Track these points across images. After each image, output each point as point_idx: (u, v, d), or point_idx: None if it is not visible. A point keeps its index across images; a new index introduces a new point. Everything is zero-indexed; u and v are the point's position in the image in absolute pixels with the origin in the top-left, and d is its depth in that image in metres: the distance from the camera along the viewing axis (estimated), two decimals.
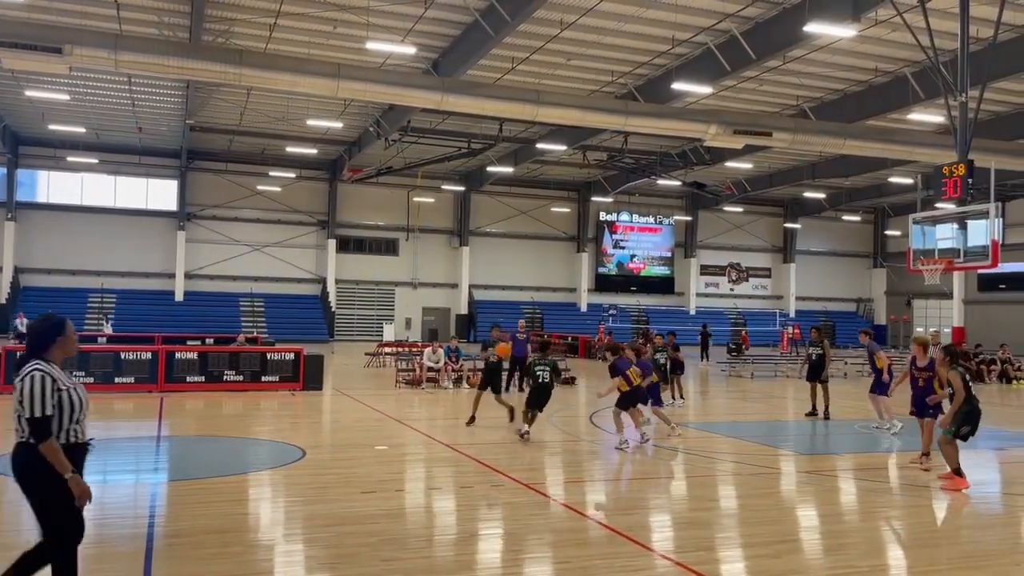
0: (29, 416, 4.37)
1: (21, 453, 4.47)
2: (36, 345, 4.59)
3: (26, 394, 4.38)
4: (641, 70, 25.98)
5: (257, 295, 42.03)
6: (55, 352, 4.61)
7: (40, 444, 4.38)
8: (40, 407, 4.38)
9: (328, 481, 9.11)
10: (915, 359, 10.63)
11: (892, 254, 51.45)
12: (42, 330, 4.62)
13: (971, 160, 16.23)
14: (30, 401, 4.38)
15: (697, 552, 6.64)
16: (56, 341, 4.62)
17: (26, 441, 4.44)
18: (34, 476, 4.44)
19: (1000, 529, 7.82)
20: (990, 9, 18.31)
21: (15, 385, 4.46)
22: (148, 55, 18.47)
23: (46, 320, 4.68)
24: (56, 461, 4.40)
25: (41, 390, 4.40)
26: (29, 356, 4.56)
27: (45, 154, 38.74)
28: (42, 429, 4.37)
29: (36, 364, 4.50)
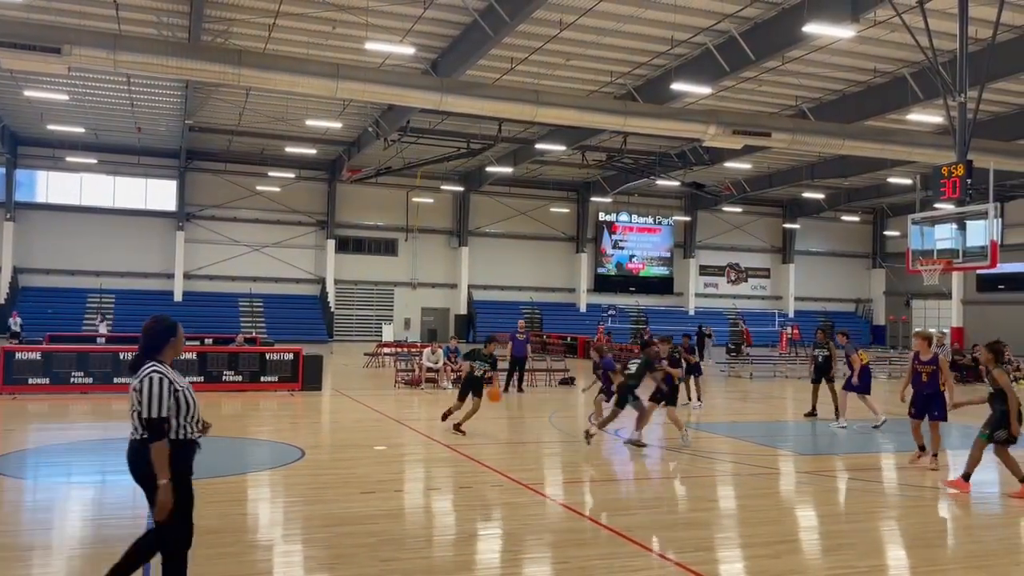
0: (147, 416, 4.55)
1: (137, 451, 4.66)
2: (150, 346, 4.73)
3: (145, 395, 4.56)
4: (640, 70, 25.98)
5: (256, 295, 42.01)
6: (167, 353, 4.77)
7: (152, 443, 4.55)
8: (157, 408, 4.55)
9: (327, 481, 9.10)
10: (918, 353, 10.47)
11: (891, 254, 51.48)
12: (156, 332, 4.76)
13: (970, 160, 16.23)
14: (148, 402, 4.55)
15: (696, 552, 6.64)
16: (169, 342, 4.77)
17: (141, 438, 4.63)
18: (145, 471, 4.60)
19: (999, 529, 7.82)
20: (989, 9, 18.31)
21: (134, 385, 4.62)
22: (147, 55, 18.47)
23: (160, 322, 4.81)
24: (160, 463, 4.55)
25: (159, 391, 4.57)
26: (143, 357, 4.71)
27: (44, 154, 38.72)
28: (157, 429, 4.55)
29: (154, 366, 4.66)
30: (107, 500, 8.19)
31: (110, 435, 12.18)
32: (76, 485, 8.96)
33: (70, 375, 16.65)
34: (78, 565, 6.08)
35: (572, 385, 20.73)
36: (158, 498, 4.56)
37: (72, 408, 14.91)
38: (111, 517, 7.46)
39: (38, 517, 7.49)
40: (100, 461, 10.35)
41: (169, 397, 4.59)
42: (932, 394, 10.27)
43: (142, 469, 4.63)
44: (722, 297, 51.44)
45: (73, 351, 17.64)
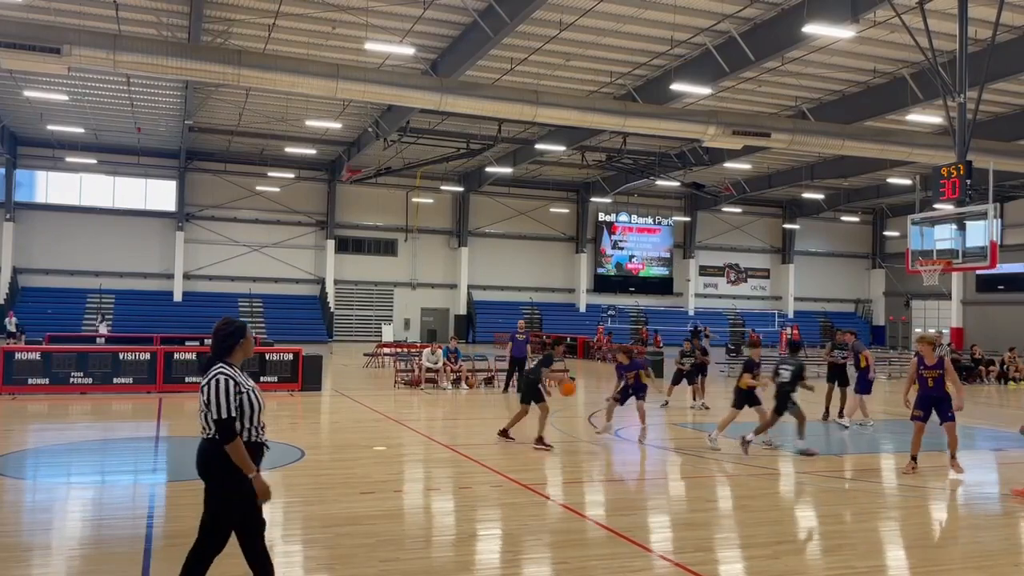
0: (216, 417, 4.61)
1: (205, 449, 4.71)
2: (220, 348, 4.80)
3: (212, 396, 4.62)
4: (640, 71, 25.99)
5: (256, 296, 42.00)
6: (236, 354, 4.83)
7: (225, 444, 4.60)
8: (225, 408, 4.61)
9: (327, 482, 9.10)
10: (923, 358, 10.21)
11: (891, 255, 51.49)
12: (226, 334, 4.82)
13: (970, 161, 16.25)
14: (216, 403, 4.61)
15: (696, 553, 6.64)
16: (239, 344, 4.83)
17: (211, 438, 4.67)
18: (216, 472, 4.68)
19: (999, 530, 7.82)
20: (988, 10, 18.32)
21: (202, 387, 4.69)
22: (147, 55, 18.46)
23: (228, 325, 4.87)
24: (240, 460, 4.62)
25: (225, 392, 4.62)
26: (214, 359, 4.78)
27: (44, 154, 38.72)
28: (228, 429, 4.61)
29: (221, 367, 4.72)
30: (107, 500, 8.18)
31: (110, 435, 12.19)
32: (75, 486, 8.95)
33: (69, 375, 16.65)
34: (78, 565, 6.08)
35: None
36: (256, 488, 4.67)
37: (72, 408, 14.91)
38: (111, 517, 7.46)
39: (37, 517, 7.49)
40: (100, 461, 10.35)
41: (235, 398, 4.65)
42: (940, 398, 10.07)
43: (208, 467, 4.70)
44: (721, 297, 51.44)
45: (73, 351, 17.63)
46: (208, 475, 4.71)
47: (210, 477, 4.70)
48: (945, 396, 10.10)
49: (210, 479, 4.71)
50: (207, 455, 4.69)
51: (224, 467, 4.64)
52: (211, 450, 4.67)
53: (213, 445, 4.66)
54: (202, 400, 4.67)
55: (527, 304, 46.37)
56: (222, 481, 4.67)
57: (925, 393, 10.14)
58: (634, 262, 49.48)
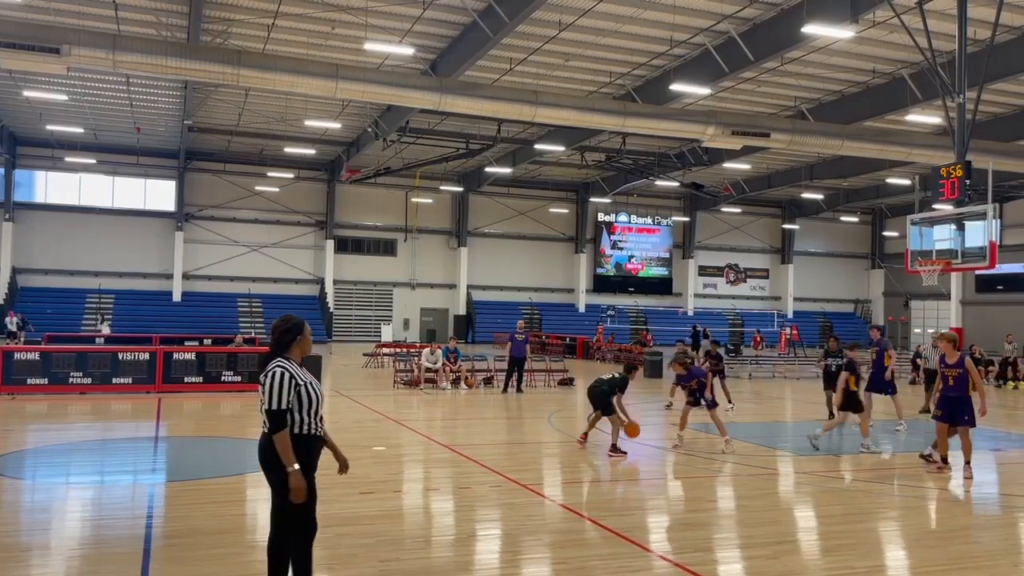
0: (268, 408, 4.74)
1: (263, 440, 4.85)
2: (279, 344, 4.94)
3: (267, 388, 4.76)
4: (639, 71, 25.99)
5: (255, 296, 42.00)
6: (295, 350, 4.96)
7: (273, 434, 4.74)
8: (277, 401, 4.73)
9: (326, 482, 9.03)
10: (944, 356, 10.07)
11: (890, 255, 51.51)
12: (284, 330, 4.96)
13: (969, 161, 16.26)
14: (269, 395, 4.74)
15: (695, 553, 6.64)
16: (296, 340, 4.96)
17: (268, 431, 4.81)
18: (274, 463, 4.78)
19: (999, 530, 7.82)
20: (988, 10, 18.33)
21: (261, 381, 4.81)
22: (146, 55, 18.46)
23: (287, 321, 5.00)
24: (284, 453, 4.74)
25: (280, 385, 4.75)
26: (272, 355, 4.92)
27: (43, 154, 38.71)
28: (278, 420, 4.74)
29: (279, 361, 4.86)
30: (106, 501, 8.18)
31: (109, 435, 12.18)
32: (75, 486, 8.95)
33: (68, 375, 16.64)
34: (77, 566, 6.07)
35: (571, 386, 20.73)
36: (290, 483, 4.73)
37: (71, 408, 14.90)
38: (110, 517, 7.45)
39: (36, 518, 7.48)
40: (99, 461, 10.34)
41: (290, 391, 4.76)
42: (959, 398, 9.87)
43: (268, 461, 4.82)
44: (721, 298, 51.46)
45: (72, 351, 17.63)
46: (271, 468, 4.82)
47: (273, 470, 4.81)
48: (965, 397, 9.87)
49: (273, 472, 4.82)
50: (266, 448, 4.82)
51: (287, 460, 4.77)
52: (269, 443, 4.80)
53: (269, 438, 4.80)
54: (262, 394, 4.79)
55: (526, 304, 46.37)
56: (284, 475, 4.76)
57: (945, 392, 10.01)
58: (633, 262, 49.49)
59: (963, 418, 9.86)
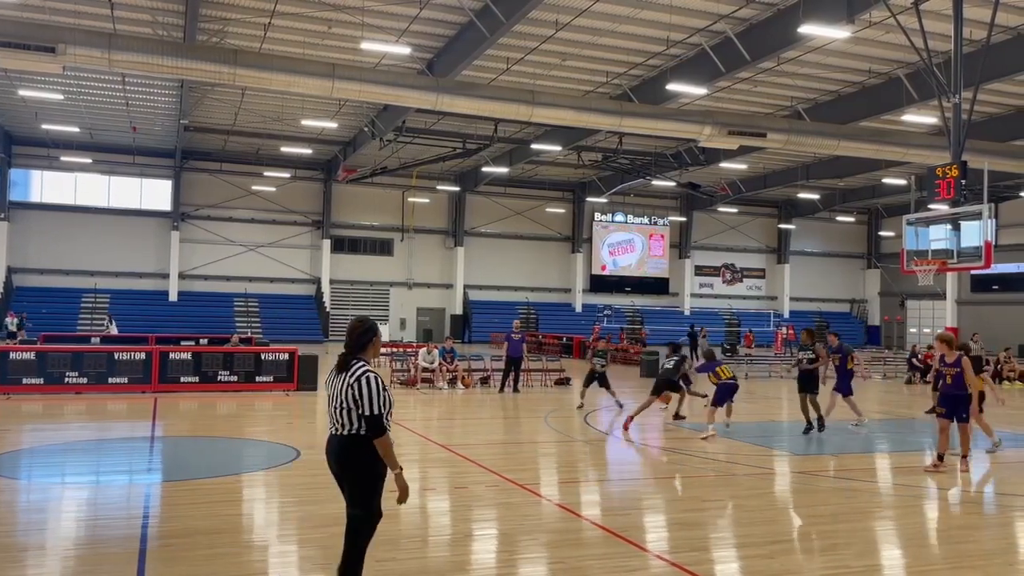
0: (368, 413, 4.82)
1: (346, 445, 4.91)
2: (355, 345, 5.04)
3: (364, 393, 4.83)
4: (636, 71, 26.00)
5: (251, 295, 41.94)
6: (369, 352, 5.08)
7: (376, 439, 4.84)
8: (378, 405, 4.84)
9: (322, 482, 9.03)
10: (943, 356, 10.39)
11: (886, 255, 51.59)
12: (360, 332, 5.06)
13: (964, 161, 16.28)
14: (369, 400, 4.82)
15: (691, 552, 6.64)
16: (372, 342, 5.08)
17: (353, 434, 4.88)
18: (354, 464, 4.91)
19: (994, 529, 7.84)
20: (983, 11, 18.37)
21: (349, 382, 4.86)
22: (142, 54, 18.43)
23: (363, 323, 5.11)
24: (388, 455, 4.86)
25: (377, 390, 4.85)
26: (349, 356, 4.99)
27: (38, 154, 38.60)
28: (379, 425, 4.84)
29: (366, 365, 4.96)
30: (102, 501, 8.17)
31: (105, 435, 12.16)
32: (70, 486, 8.93)
33: (64, 375, 16.61)
34: (72, 566, 6.07)
35: (568, 385, 20.73)
36: (398, 484, 4.87)
37: (66, 408, 14.87)
38: (105, 517, 7.44)
39: (32, 518, 7.47)
40: (95, 461, 10.32)
41: (385, 394, 4.88)
42: (958, 396, 10.20)
43: (350, 463, 4.91)
44: (717, 297, 51.50)
45: (67, 351, 17.60)
46: (349, 470, 4.91)
47: (352, 471, 4.91)
48: (963, 395, 10.16)
49: (352, 473, 4.91)
50: (349, 450, 4.89)
51: (365, 461, 4.87)
52: (352, 445, 4.88)
53: (354, 440, 4.87)
54: (347, 396, 4.85)
55: (523, 304, 46.37)
56: (364, 474, 4.89)
57: (945, 390, 10.36)
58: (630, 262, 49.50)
59: (962, 415, 10.17)
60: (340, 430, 4.91)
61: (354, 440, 4.87)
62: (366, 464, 4.88)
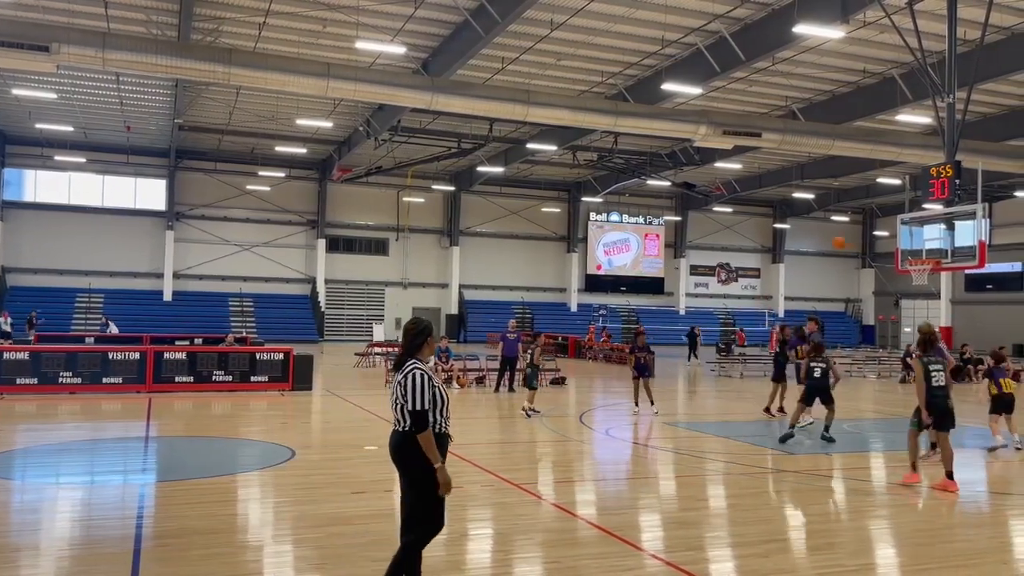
0: (412, 408, 4.95)
1: (402, 441, 5.04)
2: (411, 346, 5.18)
3: (409, 389, 4.98)
4: (631, 70, 26.02)
5: (246, 295, 41.87)
6: (424, 351, 5.22)
7: (419, 434, 4.95)
8: (420, 401, 4.96)
9: (318, 481, 9.08)
10: None
11: (880, 254, 51.71)
12: (415, 333, 5.19)
13: (959, 161, 16.34)
14: (412, 396, 4.97)
15: (686, 551, 6.65)
16: (427, 342, 5.21)
17: (406, 431, 5.00)
18: (413, 461, 4.99)
19: (988, 528, 7.87)
20: (977, 11, 18.43)
21: (398, 380, 5.04)
22: (136, 54, 18.39)
23: (417, 324, 5.23)
24: (429, 451, 4.95)
25: (421, 386, 4.98)
26: (406, 355, 5.16)
27: (32, 153, 38.48)
28: (421, 421, 4.95)
29: (416, 363, 5.10)
30: (96, 501, 8.14)
31: (99, 435, 12.13)
32: (65, 486, 8.91)
33: (58, 375, 16.57)
34: (67, 566, 6.05)
35: (563, 385, 20.74)
36: (439, 479, 4.93)
37: (60, 408, 14.83)
38: (100, 518, 7.42)
39: (26, 518, 7.45)
40: (89, 462, 10.30)
41: (429, 391, 4.99)
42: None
43: (404, 457, 5.03)
44: (712, 297, 51.57)
45: (61, 351, 17.54)
46: (407, 465, 5.03)
47: (409, 467, 5.01)
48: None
49: (409, 469, 5.01)
50: (404, 447, 5.01)
51: (419, 455, 4.96)
52: (407, 442, 4.99)
53: (408, 437, 4.99)
54: (398, 393, 5.01)
55: (518, 304, 46.37)
56: (421, 469, 4.95)
57: None
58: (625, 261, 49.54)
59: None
60: (397, 426, 5.07)
61: (408, 436, 5.00)
62: (422, 459, 4.97)
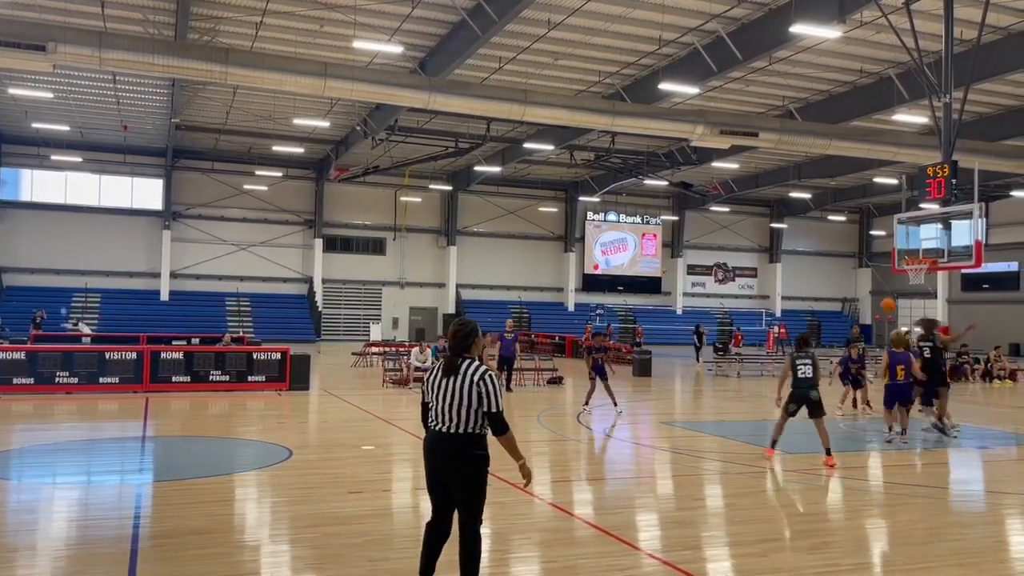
0: (493, 411, 5.01)
1: (461, 440, 5.04)
2: (461, 346, 5.18)
3: (487, 392, 5.01)
4: (628, 70, 26.03)
5: (243, 295, 41.83)
6: (473, 351, 5.21)
7: (501, 435, 5.06)
8: (497, 403, 5.03)
9: (315, 481, 9.08)
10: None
11: (877, 254, 51.78)
12: (465, 334, 5.20)
13: (955, 161, 16.35)
14: (491, 398, 5.02)
15: (683, 551, 6.66)
16: (474, 342, 5.22)
17: (471, 432, 5.03)
18: (465, 460, 5.08)
19: (984, 527, 7.88)
20: (974, 11, 18.45)
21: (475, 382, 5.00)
22: (133, 53, 18.34)
23: (465, 325, 5.26)
24: (514, 448, 5.12)
25: (496, 389, 5.05)
26: (455, 356, 5.15)
27: (29, 152, 38.37)
28: (503, 422, 5.04)
29: (481, 365, 5.11)
30: (93, 501, 8.14)
31: (96, 435, 12.12)
32: (61, 486, 8.90)
33: (55, 375, 16.54)
34: (64, 566, 6.04)
35: (560, 384, 20.75)
36: (524, 473, 5.15)
37: (57, 408, 14.81)
38: (97, 518, 7.42)
39: (23, 518, 7.43)
40: (86, 462, 10.29)
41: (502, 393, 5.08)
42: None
43: (466, 460, 5.05)
44: (709, 296, 51.61)
45: (58, 351, 17.52)
46: (464, 467, 5.06)
47: (467, 470, 5.06)
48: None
49: (467, 472, 5.06)
50: (465, 447, 5.03)
51: (481, 457, 5.06)
52: (469, 442, 5.04)
53: (471, 438, 5.03)
54: (469, 394, 4.98)
55: (515, 303, 46.36)
56: (479, 472, 5.07)
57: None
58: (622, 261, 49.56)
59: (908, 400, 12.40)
60: (455, 427, 5.02)
61: (471, 437, 5.03)
62: (481, 460, 5.06)
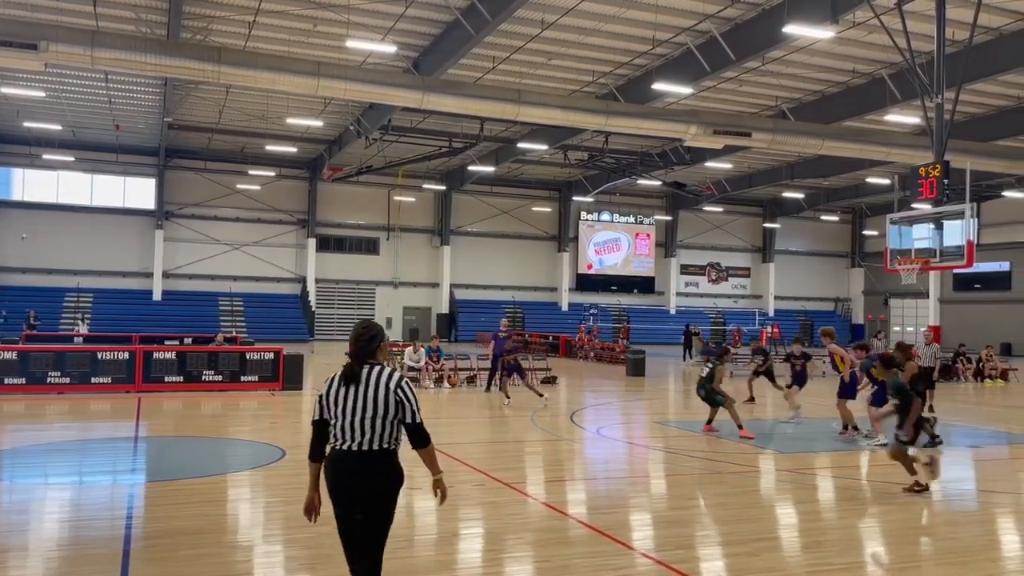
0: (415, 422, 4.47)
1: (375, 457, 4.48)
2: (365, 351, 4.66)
3: (409, 400, 4.47)
4: (622, 70, 26.05)
5: (236, 294, 41.72)
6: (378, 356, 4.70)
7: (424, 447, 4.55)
8: (418, 413, 4.50)
9: (308, 481, 9.03)
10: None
11: (869, 254, 51.95)
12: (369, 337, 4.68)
13: (947, 161, 16.43)
14: (412, 407, 4.47)
15: (677, 550, 6.67)
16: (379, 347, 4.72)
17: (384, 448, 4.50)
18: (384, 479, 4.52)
19: (976, 526, 7.91)
20: (966, 12, 18.53)
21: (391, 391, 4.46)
22: (125, 52, 18.31)
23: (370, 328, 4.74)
24: (434, 462, 4.63)
25: (415, 396, 4.53)
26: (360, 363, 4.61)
27: (20, 151, 38.20)
28: (424, 432, 4.53)
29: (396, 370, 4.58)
30: (85, 501, 8.11)
31: (88, 436, 12.07)
32: (53, 486, 8.86)
33: (47, 375, 16.47)
34: (56, 567, 6.02)
35: (554, 384, 20.74)
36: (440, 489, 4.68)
37: (49, 408, 14.75)
38: (89, 518, 7.39)
39: (14, 519, 7.40)
40: (78, 462, 10.25)
41: None
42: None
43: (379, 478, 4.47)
44: (703, 296, 51.70)
45: (50, 351, 17.45)
46: (372, 488, 4.47)
47: (381, 488, 4.49)
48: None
49: (380, 491, 4.49)
50: (378, 464, 4.44)
51: (396, 475, 4.51)
52: (383, 458, 4.45)
53: (385, 454, 4.45)
54: (384, 404, 4.41)
55: (509, 303, 46.37)
56: (392, 492, 4.53)
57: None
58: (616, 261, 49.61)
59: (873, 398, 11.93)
60: (367, 443, 4.40)
61: (385, 453, 4.44)
62: (397, 478, 4.50)
